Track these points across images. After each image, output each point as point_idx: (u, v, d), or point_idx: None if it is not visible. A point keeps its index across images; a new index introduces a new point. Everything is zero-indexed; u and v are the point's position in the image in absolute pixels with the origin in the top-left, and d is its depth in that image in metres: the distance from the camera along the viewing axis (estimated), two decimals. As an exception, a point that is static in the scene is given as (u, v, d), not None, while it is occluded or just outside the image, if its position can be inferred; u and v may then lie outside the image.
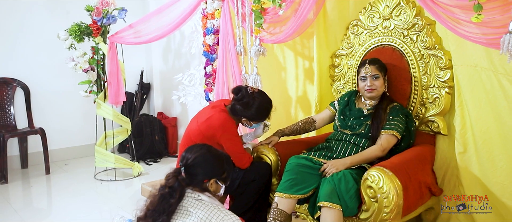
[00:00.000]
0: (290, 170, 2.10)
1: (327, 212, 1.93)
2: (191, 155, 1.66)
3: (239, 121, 2.33)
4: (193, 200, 1.58)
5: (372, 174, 1.85)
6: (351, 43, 2.63)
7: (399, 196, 1.81)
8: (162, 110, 4.85)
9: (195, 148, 1.71)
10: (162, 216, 1.52)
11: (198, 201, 1.58)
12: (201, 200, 1.59)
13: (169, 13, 3.18)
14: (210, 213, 1.54)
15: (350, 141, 2.24)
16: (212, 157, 1.70)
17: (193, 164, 1.64)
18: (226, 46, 2.92)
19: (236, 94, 2.24)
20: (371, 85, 2.21)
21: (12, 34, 4.05)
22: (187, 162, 1.65)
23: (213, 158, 1.71)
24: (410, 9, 2.31)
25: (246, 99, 2.20)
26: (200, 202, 1.58)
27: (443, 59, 2.19)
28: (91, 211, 3.08)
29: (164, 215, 1.53)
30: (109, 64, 3.58)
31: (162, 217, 1.52)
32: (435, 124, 2.25)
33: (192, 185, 1.63)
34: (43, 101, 4.23)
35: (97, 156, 3.74)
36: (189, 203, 1.57)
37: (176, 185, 1.58)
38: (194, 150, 1.69)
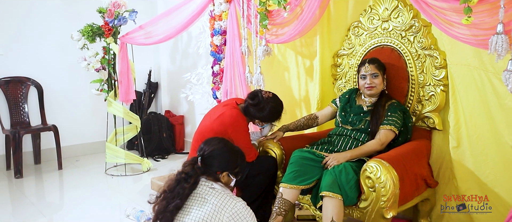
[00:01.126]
0: (294, 163, 2.24)
1: (328, 201, 2.06)
2: (209, 147, 1.78)
3: (251, 120, 2.48)
4: (207, 188, 1.71)
5: (370, 165, 1.99)
6: (352, 44, 2.77)
7: (396, 186, 1.95)
8: (170, 109, 5.00)
9: (214, 141, 1.84)
10: (176, 199, 1.65)
11: (212, 189, 1.71)
12: (214, 189, 1.72)
13: (178, 14, 3.33)
14: (224, 201, 1.67)
15: (351, 136, 2.38)
16: (228, 151, 1.83)
17: (210, 156, 1.77)
18: (233, 46, 3.07)
19: (252, 100, 2.40)
20: (370, 83, 2.35)
21: (26, 35, 4.21)
22: (204, 153, 1.77)
23: (229, 152, 1.83)
24: (408, 11, 2.44)
25: (262, 104, 2.36)
26: (214, 190, 1.71)
27: (438, 58, 2.33)
28: (102, 204, 3.22)
29: (178, 198, 1.66)
30: (120, 63, 3.73)
31: (176, 200, 1.65)
32: (431, 120, 2.39)
33: (206, 175, 1.75)
34: (56, 99, 4.39)
35: (108, 152, 3.89)
36: (204, 191, 1.70)
37: (191, 172, 1.71)
38: (213, 143, 1.82)
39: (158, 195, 1.74)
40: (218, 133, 2.31)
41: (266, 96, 2.41)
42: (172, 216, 1.64)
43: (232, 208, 1.69)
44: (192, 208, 1.66)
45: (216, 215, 1.64)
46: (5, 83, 4.06)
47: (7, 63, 4.11)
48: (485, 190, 2.19)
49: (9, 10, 4.09)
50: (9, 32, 4.12)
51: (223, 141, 1.86)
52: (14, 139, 3.77)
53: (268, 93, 2.45)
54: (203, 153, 1.78)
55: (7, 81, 4.07)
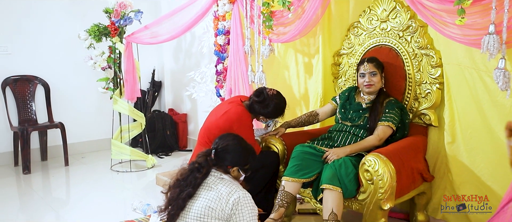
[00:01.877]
0: (295, 157, 2.34)
1: (328, 193, 2.16)
2: (223, 142, 1.87)
3: (255, 117, 2.59)
4: (216, 179, 1.80)
5: (369, 159, 2.09)
6: (352, 43, 2.87)
7: (393, 179, 2.05)
8: (173, 107, 5.10)
9: (229, 137, 1.92)
10: (188, 187, 1.75)
11: (220, 179, 1.80)
12: (222, 179, 1.82)
13: (183, 15, 3.44)
14: (230, 189, 1.76)
15: (350, 132, 2.48)
16: (241, 148, 1.91)
17: (223, 150, 1.85)
18: (236, 46, 3.17)
19: (257, 97, 2.50)
20: (369, 81, 2.45)
21: (33, 35, 4.31)
22: (219, 146, 1.86)
23: (242, 149, 1.91)
24: (405, 12, 2.54)
25: (266, 101, 2.47)
26: (222, 180, 1.81)
27: (434, 57, 2.43)
28: (108, 199, 3.32)
29: (190, 187, 1.75)
30: (126, 62, 3.83)
31: (188, 188, 1.75)
32: (427, 116, 2.49)
33: (217, 167, 1.83)
34: (62, 97, 4.49)
35: (114, 148, 3.99)
36: (212, 181, 1.80)
37: (204, 163, 1.80)
38: (228, 139, 1.90)
39: (171, 184, 1.82)
40: (223, 129, 2.41)
41: (271, 93, 2.52)
42: (184, 203, 1.74)
43: (237, 196, 1.76)
44: (201, 195, 1.76)
45: (222, 202, 1.73)
46: (13, 81, 4.16)
47: (15, 62, 4.21)
48: (478, 184, 2.29)
49: (17, 11, 4.19)
50: (17, 32, 4.22)
51: (237, 138, 1.94)
52: (22, 135, 3.87)
53: (272, 90, 2.55)
54: (217, 146, 1.86)
55: (16, 79, 4.17)
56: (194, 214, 1.74)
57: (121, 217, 2.79)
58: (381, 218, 2.11)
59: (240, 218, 1.75)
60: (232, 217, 1.76)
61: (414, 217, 2.56)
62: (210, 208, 1.74)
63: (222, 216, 1.75)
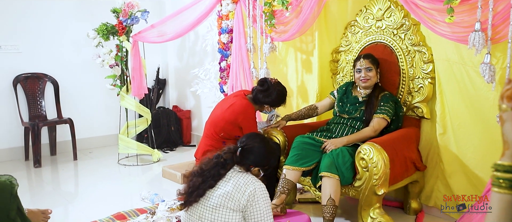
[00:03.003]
0: (296, 147, 2.49)
1: (327, 181, 2.32)
2: (250, 143, 1.92)
3: (259, 108, 2.74)
4: (235, 172, 1.86)
5: (364, 148, 2.24)
6: (349, 41, 3.02)
7: (386, 166, 2.20)
8: (177, 104, 5.25)
9: (257, 138, 1.97)
10: (210, 180, 1.82)
11: (239, 173, 1.87)
12: (241, 172, 1.88)
13: (188, 14, 3.59)
14: (247, 180, 1.83)
15: (347, 124, 2.64)
16: (265, 151, 1.95)
17: (249, 150, 1.90)
18: (239, 44, 3.33)
19: (262, 86, 2.66)
20: (365, 76, 2.60)
21: (43, 34, 4.46)
22: (245, 146, 1.91)
23: (266, 152, 1.96)
24: (399, 11, 2.69)
25: (270, 89, 2.62)
26: (241, 173, 1.87)
27: (426, 54, 2.58)
28: (116, 191, 3.46)
29: (212, 179, 1.82)
30: (132, 60, 3.99)
31: (210, 181, 1.81)
32: (420, 109, 2.64)
33: (240, 165, 1.89)
34: (70, 94, 4.64)
35: (121, 143, 4.15)
36: (231, 174, 1.86)
37: (229, 160, 1.86)
38: (255, 140, 1.95)
39: (195, 171, 1.89)
40: (229, 122, 2.56)
41: (273, 81, 2.69)
42: (204, 192, 1.82)
43: (253, 188, 1.80)
44: (219, 186, 1.82)
45: (239, 192, 1.79)
46: (24, 79, 4.31)
47: (26, 60, 4.36)
48: (467, 172, 2.44)
49: (27, 11, 4.34)
50: (28, 32, 4.37)
51: (264, 141, 1.99)
52: (34, 131, 4.02)
53: (274, 79, 2.72)
54: (244, 145, 1.91)
55: (26, 77, 4.33)
56: (211, 203, 1.81)
57: (129, 207, 2.93)
58: (376, 203, 2.27)
59: (256, 209, 1.80)
60: (248, 208, 1.80)
61: (408, 205, 2.71)
62: (227, 198, 1.79)
63: (238, 207, 1.79)
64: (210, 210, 1.81)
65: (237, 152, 1.89)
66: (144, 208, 2.82)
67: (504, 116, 0.92)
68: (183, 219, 1.93)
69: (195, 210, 1.86)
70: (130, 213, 2.73)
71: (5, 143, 4.32)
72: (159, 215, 2.66)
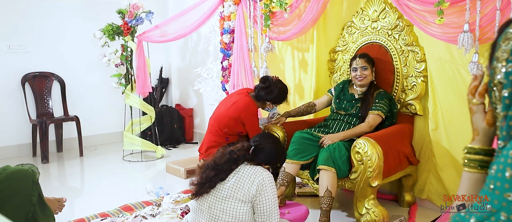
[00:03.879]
0: (295, 142, 2.62)
1: (324, 174, 2.44)
2: (263, 142, 2.02)
3: (261, 105, 2.87)
4: (245, 166, 1.95)
5: (359, 142, 2.37)
6: (346, 41, 3.15)
7: (380, 159, 2.32)
8: (179, 102, 5.38)
9: (269, 139, 2.08)
10: (222, 174, 1.91)
11: (248, 165, 1.96)
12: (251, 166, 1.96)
13: (191, 15, 3.73)
14: (255, 170, 1.92)
15: (344, 120, 2.76)
16: (276, 152, 2.06)
17: (260, 149, 2.00)
18: (240, 43, 3.46)
19: (264, 83, 2.79)
20: (361, 75, 2.73)
21: (50, 35, 4.60)
22: (258, 145, 2.01)
23: (277, 152, 2.07)
24: (393, 13, 2.82)
25: (272, 86, 2.75)
26: (251, 166, 1.95)
27: (419, 53, 2.71)
28: (121, 186, 3.59)
29: (224, 173, 1.91)
30: (137, 59, 4.12)
31: (221, 175, 1.91)
32: (413, 106, 2.77)
33: (252, 162, 1.98)
34: (76, 92, 4.78)
35: (126, 140, 4.28)
36: (241, 167, 1.95)
37: (241, 157, 1.95)
38: (268, 140, 2.05)
39: (209, 164, 1.97)
40: (233, 118, 2.69)
41: (275, 79, 2.83)
42: (215, 184, 1.91)
43: (261, 178, 1.89)
44: (229, 179, 1.92)
45: (247, 182, 1.89)
46: (32, 77, 4.44)
47: (33, 60, 4.50)
48: (457, 166, 2.56)
49: (35, 12, 4.48)
50: (35, 32, 4.50)
51: (276, 142, 2.10)
52: (41, 127, 4.15)
53: (275, 77, 2.85)
54: (257, 145, 2.01)
55: (34, 76, 4.46)
56: (221, 195, 1.91)
57: (135, 200, 3.06)
58: (371, 194, 2.40)
59: (265, 198, 1.89)
60: (257, 197, 1.88)
61: (402, 198, 2.84)
62: (236, 188, 1.89)
63: (247, 197, 1.88)
64: (220, 201, 1.90)
65: (250, 150, 1.98)
66: (150, 201, 2.95)
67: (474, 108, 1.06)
68: (193, 208, 2.04)
69: (205, 200, 1.96)
70: (136, 205, 2.86)
71: (14, 140, 4.45)
72: (164, 207, 2.78)
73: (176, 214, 2.66)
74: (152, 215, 2.67)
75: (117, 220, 2.58)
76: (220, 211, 1.90)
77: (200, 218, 1.98)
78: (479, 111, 1.05)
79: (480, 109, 1.05)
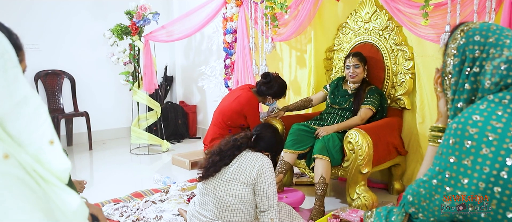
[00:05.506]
0: (292, 133, 2.85)
1: (319, 162, 2.67)
2: (263, 131, 2.24)
3: (262, 100, 3.10)
4: (247, 152, 2.17)
5: (351, 133, 2.59)
6: (341, 41, 3.38)
7: (370, 148, 2.55)
8: (183, 99, 5.61)
9: (269, 129, 2.30)
10: (226, 159, 2.13)
11: (249, 151, 2.17)
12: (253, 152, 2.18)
13: (196, 16, 3.95)
14: (256, 155, 2.13)
15: (338, 114, 2.99)
16: (275, 140, 2.28)
17: (261, 137, 2.21)
18: (242, 43, 3.69)
19: (265, 78, 3.03)
20: (353, 72, 2.95)
21: (61, 34, 4.83)
22: (259, 134, 2.23)
23: (276, 141, 2.29)
24: (384, 15, 3.05)
25: (272, 82, 2.99)
26: (252, 152, 2.17)
27: (407, 52, 2.93)
28: (130, 176, 3.81)
29: (227, 158, 2.13)
30: (144, 58, 4.35)
31: (225, 160, 2.13)
32: (402, 101, 2.99)
33: (253, 148, 2.19)
34: (86, 89, 5.00)
35: (133, 134, 4.51)
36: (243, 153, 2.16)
37: (244, 144, 2.16)
38: (268, 130, 2.27)
39: (214, 150, 2.19)
40: (235, 111, 2.92)
41: (275, 75, 3.07)
42: (220, 168, 2.13)
43: (261, 163, 2.10)
44: (233, 164, 2.13)
45: (249, 166, 2.10)
46: (43, 75, 4.68)
47: (45, 58, 4.73)
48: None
49: (47, 12, 4.70)
50: (47, 31, 4.73)
51: (275, 132, 2.32)
52: (53, 122, 4.37)
53: (275, 73, 3.08)
54: (258, 133, 2.23)
55: (46, 73, 4.69)
56: (225, 177, 2.12)
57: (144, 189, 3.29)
58: (361, 181, 2.62)
59: (264, 181, 2.09)
60: (257, 180, 2.08)
61: (391, 186, 3.06)
62: (239, 172, 2.10)
63: (249, 180, 2.08)
64: (224, 183, 2.11)
65: (252, 138, 2.20)
66: (158, 188, 3.18)
67: (439, 95, 1.30)
68: (200, 190, 2.26)
69: (210, 183, 2.18)
70: (146, 192, 3.09)
71: (26, 134, 4.67)
72: (172, 194, 3.02)
73: (183, 200, 2.89)
74: (160, 200, 2.90)
75: (129, 204, 2.81)
76: (224, 192, 2.11)
77: (206, 199, 2.20)
78: (442, 97, 1.29)
79: (443, 96, 1.29)
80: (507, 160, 0.94)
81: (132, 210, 2.72)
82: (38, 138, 0.92)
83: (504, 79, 1.04)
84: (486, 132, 0.98)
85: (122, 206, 2.79)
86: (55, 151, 0.94)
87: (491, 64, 1.07)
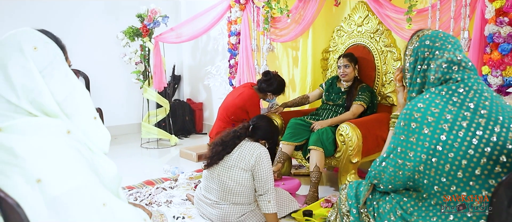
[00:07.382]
0: (290, 127, 3.13)
1: (314, 153, 2.95)
2: (260, 122, 2.53)
3: (262, 96, 3.40)
4: (246, 142, 2.45)
5: (342, 126, 2.87)
6: (336, 43, 3.65)
7: (359, 140, 2.82)
8: (190, 97, 5.92)
9: (264, 119, 2.59)
10: (228, 148, 2.41)
11: (249, 141, 2.45)
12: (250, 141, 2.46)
13: (202, 19, 4.25)
14: (254, 145, 2.41)
15: (332, 109, 3.27)
16: (270, 129, 2.57)
17: (258, 127, 2.50)
18: (245, 44, 3.99)
19: (265, 76, 3.32)
20: (343, 72, 3.23)
21: (76, 35, 5.13)
22: (255, 124, 2.51)
23: (271, 130, 2.58)
24: (375, 19, 3.32)
25: (272, 79, 3.28)
26: (250, 141, 2.45)
27: (395, 53, 3.20)
28: (140, 168, 4.09)
29: (229, 148, 2.41)
30: (154, 58, 4.66)
31: (227, 149, 2.41)
32: (390, 98, 3.26)
33: (250, 137, 2.47)
34: (99, 87, 5.32)
35: (143, 129, 4.82)
36: (243, 143, 2.44)
37: (243, 134, 2.45)
38: (264, 120, 2.56)
39: (216, 141, 2.48)
40: (238, 106, 3.22)
41: (274, 73, 3.37)
42: (223, 156, 2.41)
43: (259, 152, 2.37)
44: (234, 152, 2.42)
45: (248, 153, 2.38)
46: (60, 73, 4.99)
47: (61, 57, 5.04)
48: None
49: (63, 14, 5.03)
50: (62, 32, 4.95)
51: (270, 122, 2.61)
52: (70, 118, 4.70)
53: (274, 72, 3.38)
54: (254, 123, 2.51)
55: (62, 72, 5.01)
56: (227, 164, 2.40)
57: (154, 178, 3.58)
58: (352, 170, 2.90)
59: (261, 167, 2.36)
60: (255, 167, 2.35)
61: (381, 176, 3.33)
62: (239, 160, 2.37)
63: (248, 166, 2.35)
64: (227, 170, 2.40)
65: (249, 128, 2.48)
66: (168, 177, 3.48)
67: (398, 89, 1.59)
68: (205, 176, 2.55)
69: (214, 170, 2.47)
70: (157, 181, 3.39)
71: (44, 129, 5.00)
72: (180, 182, 3.32)
73: (191, 187, 3.19)
74: (170, 187, 3.21)
75: (142, 191, 3.12)
76: (227, 177, 2.41)
77: (211, 184, 2.50)
78: (400, 91, 1.59)
79: (401, 90, 1.58)
80: (441, 136, 1.23)
81: (145, 195, 3.02)
82: (85, 115, 1.24)
83: (444, 75, 1.32)
84: (427, 116, 1.27)
85: (136, 191, 3.09)
86: (97, 124, 1.26)
87: (435, 63, 1.36)
